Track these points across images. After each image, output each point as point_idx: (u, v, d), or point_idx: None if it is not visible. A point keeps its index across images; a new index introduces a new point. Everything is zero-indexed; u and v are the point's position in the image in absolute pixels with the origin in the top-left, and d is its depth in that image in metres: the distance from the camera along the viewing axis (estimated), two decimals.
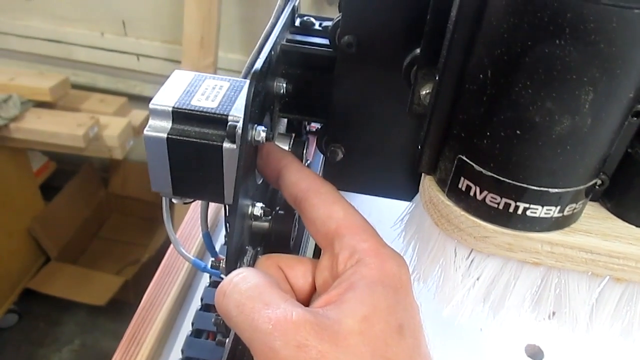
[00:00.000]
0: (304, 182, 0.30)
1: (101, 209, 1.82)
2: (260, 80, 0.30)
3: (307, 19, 0.39)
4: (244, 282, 0.26)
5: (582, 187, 0.26)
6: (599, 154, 0.25)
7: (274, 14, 0.37)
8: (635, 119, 0.26)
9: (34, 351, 1.55)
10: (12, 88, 1.38)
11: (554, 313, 0.31)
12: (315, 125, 0.48)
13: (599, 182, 0.28)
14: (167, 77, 0.36)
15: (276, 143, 0.35)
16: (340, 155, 0.38)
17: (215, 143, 0.32)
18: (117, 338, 0.50)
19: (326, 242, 0.28)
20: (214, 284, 0.53)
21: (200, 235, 0.59)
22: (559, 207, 0.26)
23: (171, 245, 0.59)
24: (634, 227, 0.29)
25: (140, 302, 0.53)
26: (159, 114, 0.33)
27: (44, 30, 1.63)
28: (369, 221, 0.29)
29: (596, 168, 0.26)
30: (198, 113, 0.33)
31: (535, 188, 0.25)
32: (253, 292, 0.26)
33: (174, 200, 0.37)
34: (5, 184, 1.48)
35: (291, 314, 0.24)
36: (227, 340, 0.39)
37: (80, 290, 1.57)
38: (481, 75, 0.24)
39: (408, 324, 0.26)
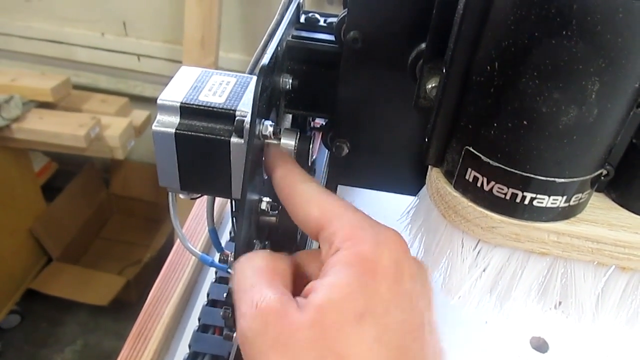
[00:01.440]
0: (286, 186, 0.31)
1: (103, 209, 1.82)
2: (267, 75, 0.30)
3: (312, 15, 0.40)
4: (250, 261, 0.28)
5: (588, 177, 0.26)
6: (605, 144, 0.26)
7: (279, 11, 0.37)
8: None
9: (36, 352, 1.56)
10: (13, 89, 1.38)
11: (560, 303, 0.31)
12: (319, 121, 0.48)
13: (605, 172, 0.28)
14: (170, 76, 0.36)
15: (282, 138, 0.35)
16: (346, 151, 0.39)
17: (223, 138, 0.33)
18: (119, 338, 0.50)
19: (315, 239, 0.29)
20: (220, 280, 0.54)
21: (205, 231, 0.60)
22: (565, 197, 0.26)
23: (177, 242, 0.59)
24: (639, 216, 0.29)
25: (142, 301, 0.53)
26: (166, 109, 0.33)
27: (44, 31, 1.63)
28: (363, 207, 0.29)
29: (602, 158, 0.26)
30: (206, 108, 0.33)
31: (542, 178, 0.25)
32: (253, 272, 0.27)
33: (180, 196, 0.37)
34: (7, 185, 1.48)
35: (262, 300, 0.25)
36: (234, 335, 0.39)
37: (82, 290, 1.58)
38: (488, 67, 0.24)
39: (372, 312, 0.24)
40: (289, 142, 0.35)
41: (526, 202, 0.26)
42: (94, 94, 1.56)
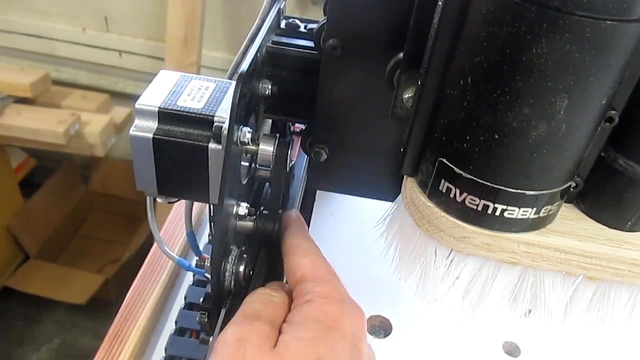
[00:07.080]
0: (291, 240, 0.36)
1: (82, 206, 1.79)
2: (246, 81, 0.30)
3: (292, 21, 0.40)
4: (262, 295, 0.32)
5: (557, 189, 0.27)
6: (574, 157, 0.26)
7: (259, 16, 0.37)
8: (607, 124, 0.27)
9: (12, 350, 1.53)
10: None
11: (530, 311, 0.32)
12: (299, 126, 0.49)
13: (574, 184, 0.29)
14: (153, 75, 0.36)
15: (261, 144, 0.35)
16: (324, 156, 0.39)
17: (201, 144, 0.33)
18: (97, 337, 0.50)
19: (294, 287, 0.33)
20: (198, 283, 0.54)
21: (184, 234, 0.59)
22: (535, 209, 0.27)
23: (155, 243, 0.59)
24: (606, 227, 0.30)
25: (121, 300, 0.53)
26: (144, 114, 0.33)
27: (25, 25, 1.60)
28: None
29: (571, 171, 0.27)
30: (184, 113, 0.33)
31: (513, 190, 0.26)
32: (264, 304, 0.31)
33: (158, 199, 0.37)
34: None
35: (253, 334, 0.28)
36: (210, 339, 0.39)
37: (59, 288, 1.55)
38: (461, 81, 0.25)
39: (329, 357, 0.28)
40: (267, 147, 0.36)
41: (497, 213, 0.27)
42: (74, 90, 1.54)
